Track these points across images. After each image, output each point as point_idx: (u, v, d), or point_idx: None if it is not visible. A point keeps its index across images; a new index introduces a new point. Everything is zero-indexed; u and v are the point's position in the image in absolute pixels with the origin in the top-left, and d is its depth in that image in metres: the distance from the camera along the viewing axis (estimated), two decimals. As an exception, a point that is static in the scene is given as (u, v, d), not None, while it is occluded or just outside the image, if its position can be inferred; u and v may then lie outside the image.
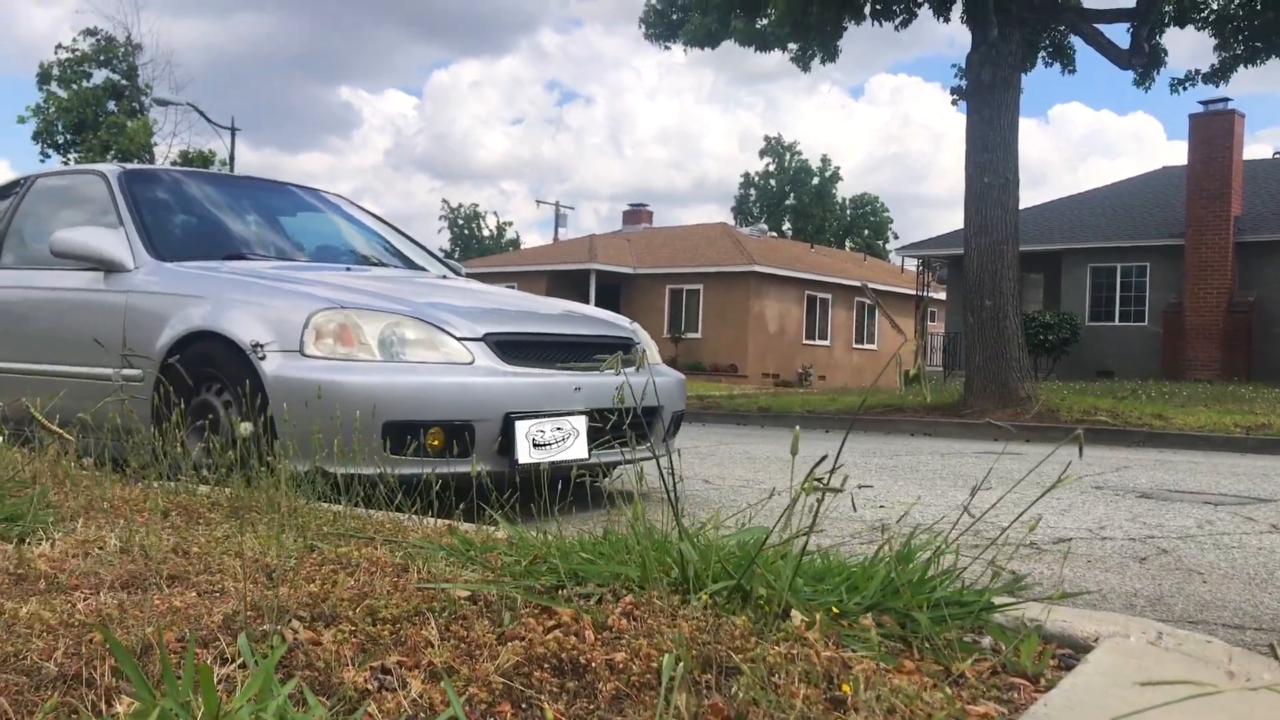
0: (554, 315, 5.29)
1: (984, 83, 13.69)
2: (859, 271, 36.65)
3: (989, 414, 13.30)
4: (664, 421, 5.09)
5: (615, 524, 2.24)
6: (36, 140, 34.09)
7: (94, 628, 1.39)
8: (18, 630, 1.40)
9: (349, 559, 1.88)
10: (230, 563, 1.83)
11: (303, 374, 4.19)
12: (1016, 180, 13.80)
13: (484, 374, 4.39)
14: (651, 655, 1.37)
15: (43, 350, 5.37)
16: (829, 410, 14.93)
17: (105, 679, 1.24)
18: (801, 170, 64.07)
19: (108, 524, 2.25)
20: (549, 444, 4.44)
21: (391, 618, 1.50)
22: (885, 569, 1.69)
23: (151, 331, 4.75)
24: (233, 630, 1.43)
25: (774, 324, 31.85)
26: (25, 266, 5.80)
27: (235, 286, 4.76)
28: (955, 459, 8.21)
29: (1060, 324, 23.14)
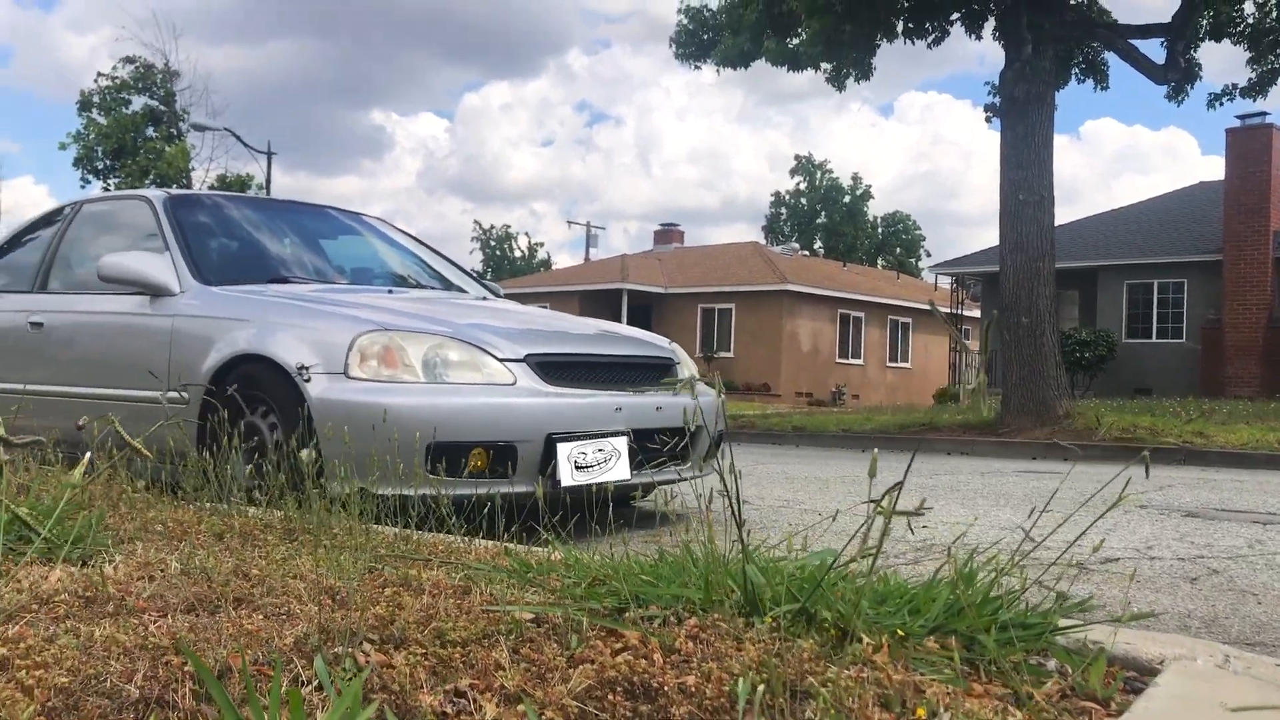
0: (593, 336, 5.30)
1: (1018, 100, 13.65)
2: (892, 290, 36.50)
3: (1026, 432, 13.20)
4: (705, 442, 5.09)
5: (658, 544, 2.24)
6: (77, 166, 34.65)
7: (176, 651, 1.41)
8: (95, 653, 1.42)
9: (410, 581, 1.90)
10: (294, 585, 1.84)
11: (348, 396, 4.22)
12: (1051, 197, 13.73)
13: (526, 395, 4.41)
14: (723, 679, 1.37)
15: (90, 374, 5.43)
16: (864, 429, 14.86)
17: (186, 701, 1.26)
18: (833, 189, 64.00)
19: (165, 546, 2.27)
20: (591, 466, 4.45)
21: (460, 640, 1.51)
22: (947, 591, 1.68)
23: (197, 355, 4.79)
24: (304, 652, 1.44)
25: (807, 343, 31.76)
26: (72, 291, 5.88)
27: (279, 310, 4.80)
28: (995, 478, 8.15)
29: (1097, 341, 22.96)
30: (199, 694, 1.28)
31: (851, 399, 31.40)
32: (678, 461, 4.90)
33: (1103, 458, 11.58)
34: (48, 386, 5.66)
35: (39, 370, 5.79)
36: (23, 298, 6.10)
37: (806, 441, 14.46)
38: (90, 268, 5.74)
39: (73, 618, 1.63)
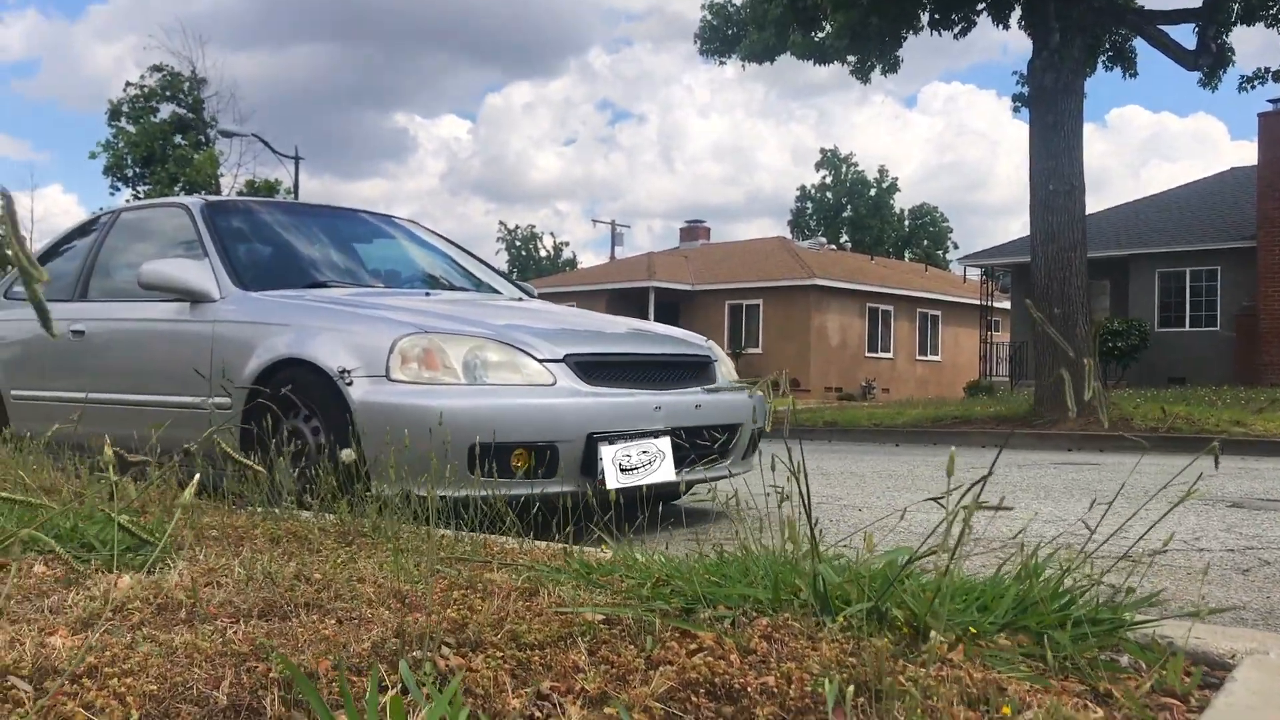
0: (630, 335, 5.30)
1: (1046, 89, 13.56)
2: (920, 282, 36.32)
3: (1061, 424, 13.12)
4: (746, 439, 5.08)
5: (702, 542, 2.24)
6: (107, 174, 34.97)
7: (258, 657, 1.42)
8: (178, 660, 1.43)
9: (476, 584, 1.90)
10: (362, 589, 1.85)
11: (390, 398, 4.24)
12: (1082, 186, 13.64)
13: (566, 395, 4.41)
14: (804, 679, 1.36)
15: (132, 381, 5.48)
16: (897, 424, 14.80)
17: (275, 708, 1.26)
18: (858, 182, 63.74)
19: (224, 552, 2.29)
20: (637, 468, 4.44)
21: (536, 643, 1.51)
22: (1014, 587, 1.67)
23: (239, 360, 4.82)
24: (383, 657, 1.44)
25: (835, 337, 31.66)
26: (112, 299, 5.93)
27: (319, 314, 4.83)
28: (1033, 470, 8.10)
29: (1129, 331, 22.76)
30: (287, 700, 1.29)
31: (881, 393, 31.27)
32: (718, 459, 4.90)
33: (1135, 448, 11.50)
34: (95, 394, 5.72)
35: (80, 378, 5.84)
36: (63, 306, 6.16)
37: (838, 436, 14.41)
38: (129, 275, 5.79)
39: (148, 625, 1.64)
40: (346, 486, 3.33)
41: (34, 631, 1.54)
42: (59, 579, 1.96)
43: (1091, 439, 12.02)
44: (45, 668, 1.35)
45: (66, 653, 1.42)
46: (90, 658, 1.39)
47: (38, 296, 0.77)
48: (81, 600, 1.76)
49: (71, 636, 1.52)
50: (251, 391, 4.69)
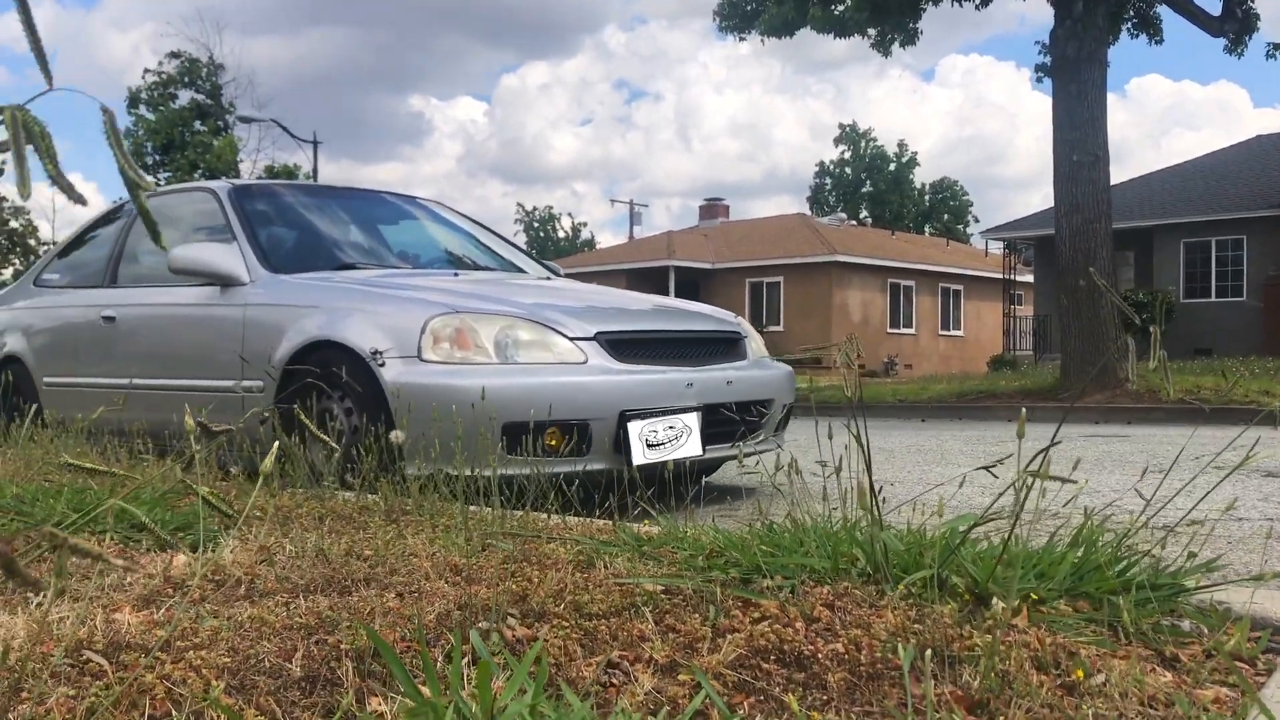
0: (660, 312, 5.30)
1: (1069, 59, 13.43)
2: (942, 257, 36.13)
3: (1087, 396, 13.05)
4: (776, 415, 5.07)
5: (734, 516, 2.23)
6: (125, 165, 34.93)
7: (325, 629, 1.42)
8: (246, 634, 1.44)
9: (529, 557, 1.90)
10: (418, 564, 1.86)
11: (422, 379, 4.25)
12: (1107, 157, 13.52)
13: (598, 373, 4.41)
14: (873, 645, 1.36)
15: (163, 365, 5.51)
16: (921, 399, 14.75)
17: (350, 678, 1.27)
18: (878, 157, 63.39)
19: (273, 531, 2.30)
20: (663, 443, 4.45)
21: (600, 613, 1.51)
22: (1072, 555, 1.67)
23: (270, 343, 4.84)
24: (448, 627, 1.45)
25: (857, 313, 31.55)
26: (142, 284, 5.96)
27: (349, 295, 4.84)
28: (1063, 443, 8.05)
29: (1154, 302, 22.57)
30: (361, 671, 1.29)
31: (904, 369, 31.17)
32: (749, 435, 4.89)
33: (1167, 420, 11.44)
34: (122, 380, 5.76)
35: (112, 363, 5.88)
36: (94, 292, 6.20)
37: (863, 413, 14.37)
38: (158, 261, 5.81)
39: (209, 600, 1.65)
40: (387, 466, 3.35)
41: (99, 608, 1.56)
42: (115, 558, 1.97)
43: (1118, 411, 11.96)
44: (117, 642, 1.36)
45: (136, 628, 1.43)
46: (161, 632, 1.40)
47: (144, 205, 0.77)
48: (141, 578, 1.77)
49: (136, 613, 1.54)
50: (284, 374, 4.71)
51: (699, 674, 1.25)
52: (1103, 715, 1.16)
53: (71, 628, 1.43)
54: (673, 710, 1.18)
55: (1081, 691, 1.25)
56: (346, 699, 1.19)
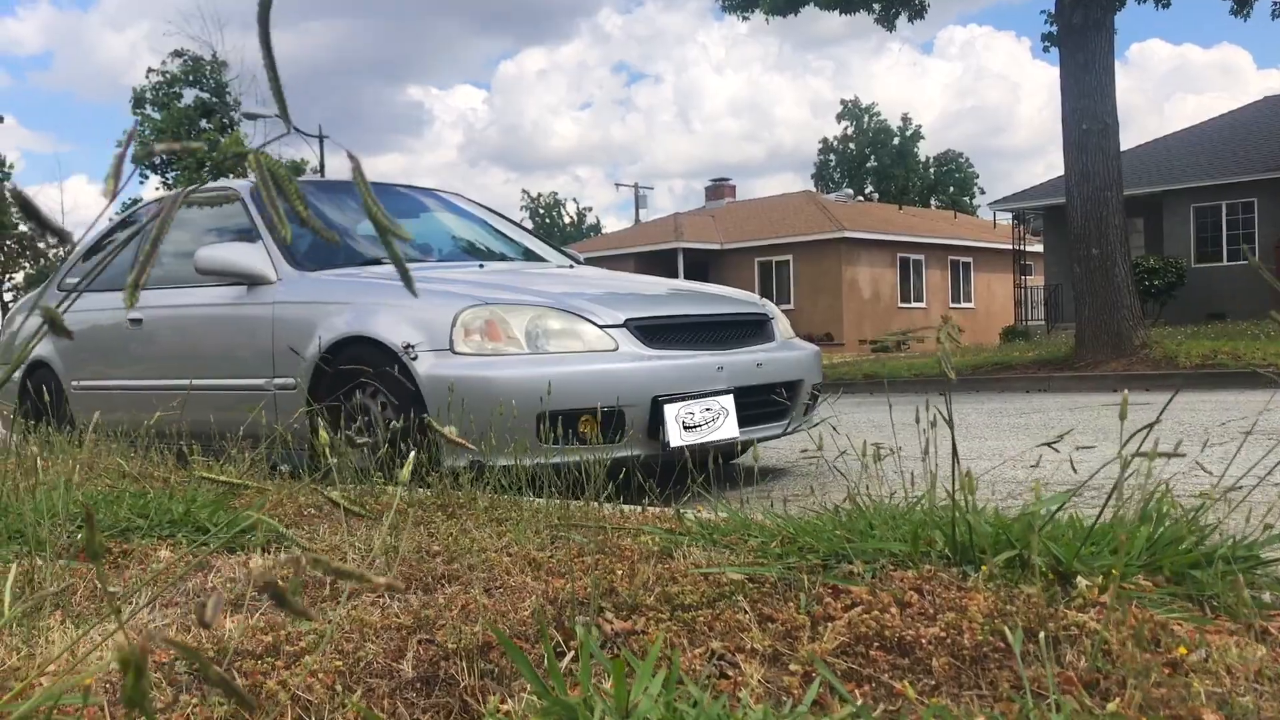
0: (687, 296, 5.31)
1: (1075, 26, 13.36)
2: (950, 229, 36.02)
3: (1103, 365, 13.04)
4: (805, 395, 5.09)
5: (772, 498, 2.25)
6: (134, 163, 35.03)
7: (423, 628, 1.45)
8: (349, 636, 1.46)
9: (603, 549, 1.92)
10: (496, 559, 1.88)
11: (455, 371, 4.27)
12: (1116, 124, 13.46)
13: (629, 360, 4.43)
14: (973, 628, 1.38)
15: (193, 366, 5.53)
16: (937, 373, 14.74)
17: (465, 677, 1.29)
18: (881, 131, 63.15)
19: (336, 529, 2.32)
20: (699, 425, 4.46)
21: (693, 605, 1.53)
22: (1144, 529, 1.68)
23: (300, 340, 4.86)
24: (542, 624, 1.47)
25: (867, 289, 31.50)
26: (168, 286, 5.98)
27: (377, 290, 4.86)
28: (1085, 413, 8.06)
29: (1165, 268, 22.50)
30: (475, 670, 1.31)
31: (916, 343, 31.13)
32: (780, 417, 4.91)
33: (1186, 385, 11.41)
34: (151, 381, 5.79)
35: (140, 366, 5.92)
36: (119, 295, 6.22)
37: (879, 388, 14.37)
38: (183, 262, 5.83)
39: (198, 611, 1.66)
40: (436, 461, 3.37)
41: (193, 614, 1.58)
42: (188, 562, 2.00)
43: (1136, 379, 11.94)
44: (226, 649, 1.39)
45: (237, 633, 1.46)
46: (266, 637, 1.42)
47: (397, 254, 0.79)
48: (221, 582, 1.80)
49: (227, 617, 1.56)
50: (315, 371, 4.74)
51: (819, 664, 1.27)
52: (1214, 693, 1.17)
53: (176, 635, 1.45)
54: (790, 701, 1.20)
55: (1186, 669, 1.26)
56: (491, 701, 1.20)
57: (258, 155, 0.80)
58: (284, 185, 0.79)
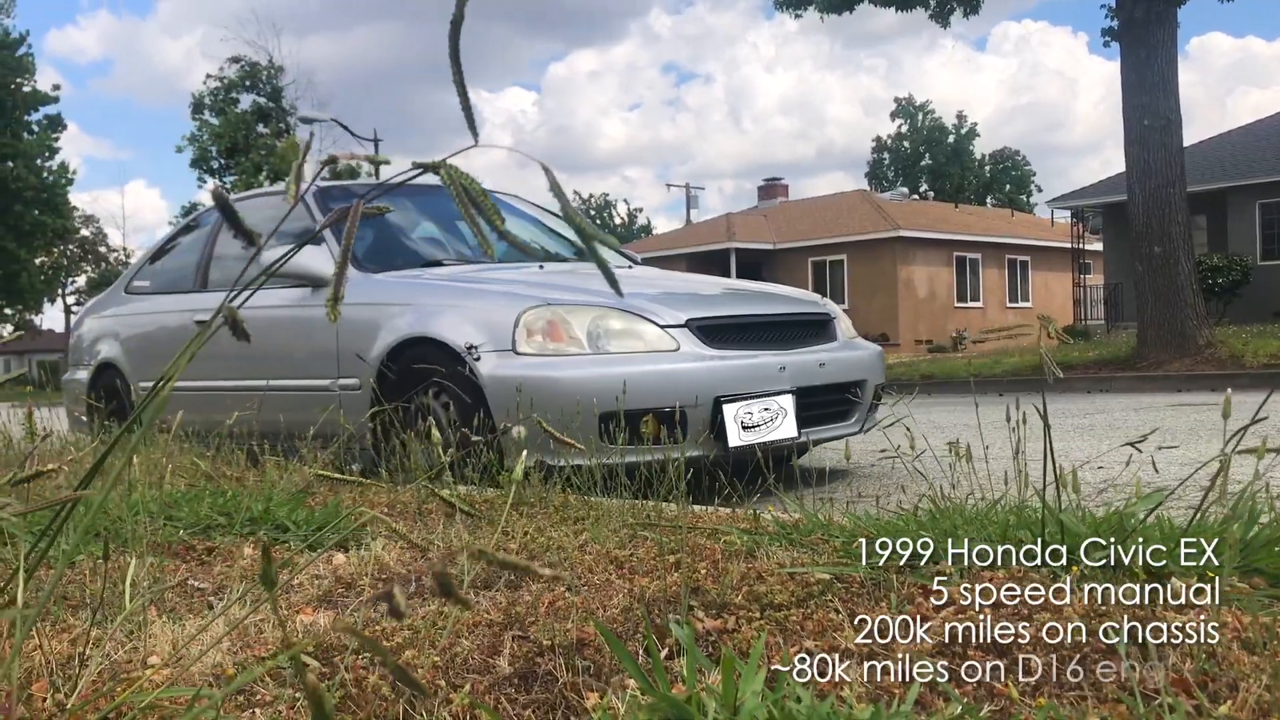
0: (749, 296, 5.29)
1: (1137, 20, 13.16)
2: (1007, 228, 35.60)
3: (1166, 365, 12.83)
4: (869, 396, 5.05)
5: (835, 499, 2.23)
6: (194, 167, 35.86)
7: (514, 625, 1.46)
8: (442, 632, 1.47)
9: (683, 548, 1.92)
10: (577, 557, 1.89)
11: (518, 371, 4.29)
12: (1179, 120, 13.25)
13: (690, 360, 4.42)
14: (1073, 629, 1.36)
15: (259, 367, 5.60)
16: (996, 373, 14.57)
17: (562, 673, 1.30)
18: (935, 129, 62.62)
19: (412, 528, 2.35)
20: (758, 425, 4.45)
21: (782, 604, 1.53)
22: (1240, 530, 1.65)
23: (365, 341, 4.91)
24: (633, 622, 1.47)
25: (923, 289, 31.22)
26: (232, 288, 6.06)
27: (440, 292, 4.89)
28: (1150, 414, 7.93)
29: (1230, 266, 22.07)
30: (571, 666, 1.32)
31: (972, 343, 30.81)
32: (843, 418, 4.89)
33: (1252, 385, 11.19)
34: (216, 382, 5.88)
35: (205, 366, 6.00)
36: (185, 297, 6.32)
37: (938, 389, 14.24)
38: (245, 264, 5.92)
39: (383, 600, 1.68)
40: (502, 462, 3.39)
41: (283, 610, 1.61)
42: (276, 560, 2.02)
43: (1200, 379, 11.74)
44: (322, 644, 1.40)
45: (331, 628, 1.48)
46: (368, 632, 1.44)
47: (602, 259, 0.80)
48: (307, 579, 1.82)
49: (316, 612, 1.58)
50: (380, 371, 4.78)
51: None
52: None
53: (271, 630, 1.47)
54: (894, 701, 1.19)
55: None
56: (591, 697, 1.21)
57: (448, 168, 0.81)
58: (478, 198, 0.79)
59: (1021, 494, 1.88)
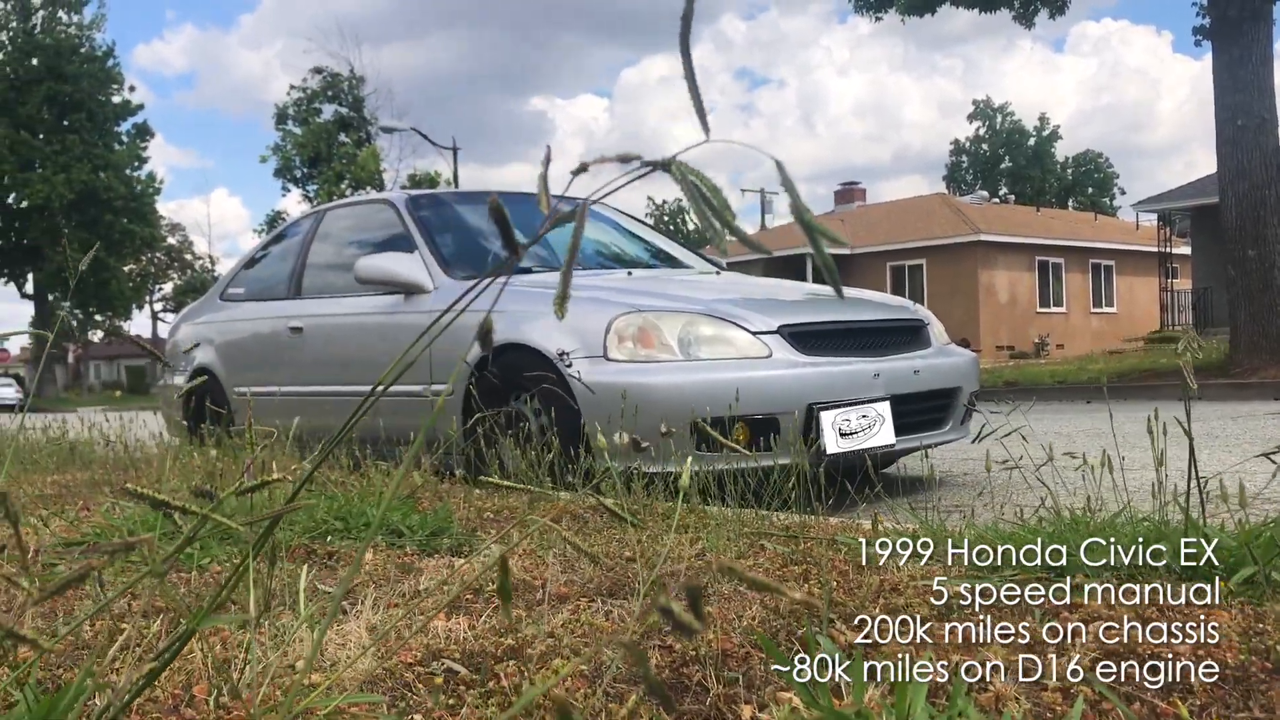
0: (841, 301, 5.23)
1: (1230, 18, 12.83)
2: (1091, 232, 34.90)
3: (1261, 371, 12.48)
4: (962, 402, 4.98)
5: (936, 508, 2.18)
6: (278, 176, 36.65)
7: (661, 634, 1.46)
8: (585, 640, 1.47)
9: (804, 558, 1.91)
10: (701, 566, 1.88)
11: (609, 378, 4.30)
12: (1275, 119, 12.89)
13: (783, 366, 4.39)
14: (1234, 646, 1.32)
15: (351, 372, 5.70)
16: (1082, 380, 14.28)
17: (712, 683, 1.29)
18: (1015, 132, 61.65)
19: (524, 534, 2.35)
20: (855, 432, 4.40)
21: (922, 617, 1.50)
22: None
23: (456, 348, 4.95)
24: (769, 632, 1.47)
25: (1004, 293, 30.73)
26: (326, 295, 6.16)
27: (531, 298, 4.92)
28: (1249, 422, 7.71)
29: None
30: (722, 678, 1.31)
31: (1055, 349, 30.26)
32: (937, 425, 4.82)
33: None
34: (311, 387, 5.99)
35: (300, 372, 6.10)
36: (279, 304, 6.44)
37: (1021, 396, 13.97)
38: (341, 272, 6.02)
39: (517, 606, 1.70)
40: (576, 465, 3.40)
41: (414, 615, 1.62)
42: (398, 565, 2.05)
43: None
44: (468, 650, 1.41)
45: (471, 635, 1.49)
46: (508, 639, 1.45)
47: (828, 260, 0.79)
48: (433, 585, 1.84)
49: (449, 620, 1.60)
50: (472, 377, 4.82)
51: (1092, 679, 1.23)
52: None
53: (415, 636, 1.49)
54: (1056, 716, 1.17)
55: None
56: (746, 710, 1.20)
57: (678, 165, 0.81)
58: (710, 197, 0.79)
59: (1162, 508, 1.83)
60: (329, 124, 35.49)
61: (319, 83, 35.86)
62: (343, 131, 35.51)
